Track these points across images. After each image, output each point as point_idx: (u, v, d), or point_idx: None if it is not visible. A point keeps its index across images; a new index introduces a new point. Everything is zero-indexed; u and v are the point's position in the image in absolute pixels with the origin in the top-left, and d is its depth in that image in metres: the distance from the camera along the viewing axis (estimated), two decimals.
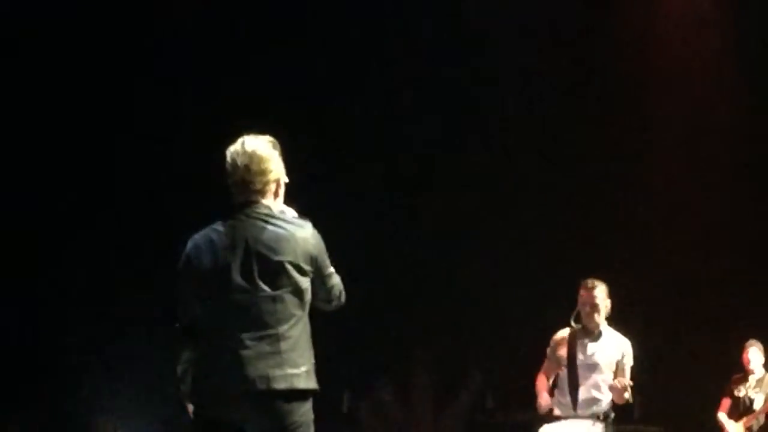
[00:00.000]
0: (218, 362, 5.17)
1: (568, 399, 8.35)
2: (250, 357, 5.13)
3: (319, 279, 5.36)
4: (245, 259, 5.20)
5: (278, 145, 5.42)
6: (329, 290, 5.44)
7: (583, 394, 8.30)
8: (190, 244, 5.32)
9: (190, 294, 5.27)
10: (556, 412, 8.38)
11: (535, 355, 8.79)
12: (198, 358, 5.28)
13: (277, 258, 5.20)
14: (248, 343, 5.15)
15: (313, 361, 5.31)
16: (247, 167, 5.31)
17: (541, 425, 8.31)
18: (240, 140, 5.39)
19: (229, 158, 5.36)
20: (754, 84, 13.52)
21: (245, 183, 5.31)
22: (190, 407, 5.35)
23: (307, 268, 5.27)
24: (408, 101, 13.94)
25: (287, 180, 5.47)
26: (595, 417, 8.26)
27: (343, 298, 5.55)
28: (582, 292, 8.44)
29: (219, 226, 5.32)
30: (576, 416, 8.27)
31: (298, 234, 5.29)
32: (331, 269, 5.45)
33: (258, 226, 5.26)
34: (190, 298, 5.28)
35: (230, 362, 5.13)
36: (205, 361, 5.22)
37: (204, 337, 5.24)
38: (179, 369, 5.38)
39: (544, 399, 8.40)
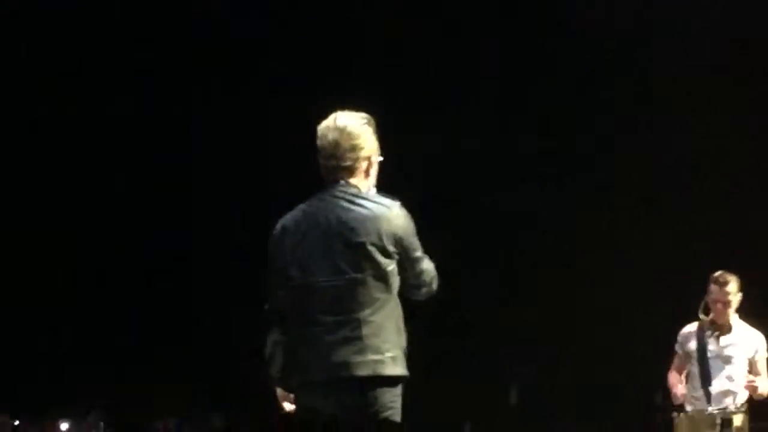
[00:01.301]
0: (301, 348, 5.01)
1: (700, 393, 8.08)
2: (332, 343, 4.93)
3: (406, 262, 5.07)
4: (328, 240, 5.00)
5: (373, 122, 5.19)
6: (418, 275, 5.13)
7: (716, 387, 8.02)
8: (278, 225, 5.17)
9: (277, 276, 5.10)
10: (688, 408, 8.13)
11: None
12: (284, 344, 5.12)
13: (359, 239, 4.96)
14: (330, 328, 4.95)
15: (404, 345, 5.06)
16: (336, 143, 5.09)
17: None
18: (332, 116, 5.18)
19: (319, 133, 5.16)
20: None
21: (334, 159, 5.09)
22: (279, 392, 5.22)
23: (391, 249, 5.00)
24: None
25: (380, 158, 5.21)
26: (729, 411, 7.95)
27: (435, 286, 5.23)
28: (713, 287, 8.13)
29: (305, 206, 5.15)
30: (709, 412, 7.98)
31: (383, 214, 5.03)
32: (420, 253, 5.14)
33: (343, 206, 5.03)
34: (276, 280, 5.11)
35: (312, 348, 4.96)
36: (290, 347, 5.07)
37: (288, 321, 5.08)
38: (266, 352, 5.18)
39: (679, 390, 8.14)
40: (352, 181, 5.12)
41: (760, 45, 12.65)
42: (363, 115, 5.19)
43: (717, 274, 8.13)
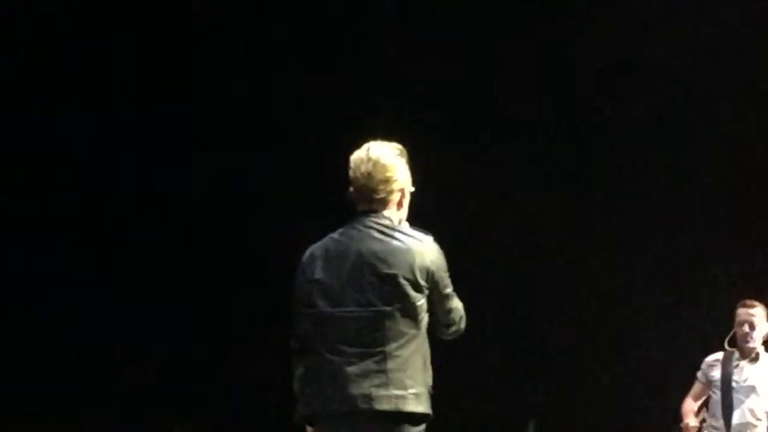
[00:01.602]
0: (322, 379, 4.90)
1: (721, 423, 7.98)
2: (354, 374, 4.82)
3: (436, 298, 4.98)
4: (357, 271, 4.90)
5: (406, 153, 5.14)
6: (447, 313, 5.05)
7: (737, 418, 7.92)
8: (306, 254, 5.08)
9: (301, 305, 5.02)
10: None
11: None
12: (306, 375, 5.02)
13: (389, 271, 4.87)
14: (353, 359, 4.84)
15: (429, 383, 4.96)
16: (369, 175, 5.01)
17: None
18: (365, 146, 5.12)
19: (352, 164, 5.09)
20: None
21: (367, 191, 5.02)
22: (309, 429, 5.09)
23: (422, 283, 4.91)
24: None
25: (412, 189, 5.16)
26: None
27: (462, 325, 5.14)
28: (740, 311, 8.09)
29: (336, 235, 5.06)
30: None
31: (416, 247, 4.94)
32: (451, 290, 5.07)
33: (374, 237, 4.95)
34: (302, 311, 5.02)
35: (333, 379, 4.85)
36: (311, 378, 4.96)
37: (312, 351, 4.97)
38: (295, 387, 5.08)
39: (690, 420, 8.05)
40: (385, 213, 5.06)
41: None
42: (396, 145, 5.15)
43: (745, 299, 8.15)
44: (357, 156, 5.10)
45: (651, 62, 12.39)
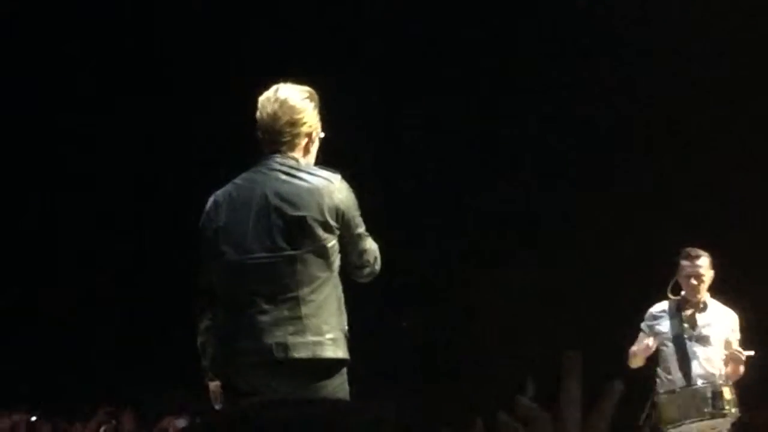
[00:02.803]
0: (233, 329, 4.63)
1: (678, 376, 7.54)
2: (267, 323, 4.57)
3: (348, 238, 4.72)
4: (263, 215, 4.64)
5: (316, 97, 4.87)
6: (361, 254, 4.78)
7: (696, 369, 7.51)
8: (210, 201, 4.82)
9: (207, 255, 4.75)
10: (662, 389, 7.54)
11: None
12: (211, 328, 4.73)
13: (297, 213, 4.62)
14: (265, 307, 4.58)
15: (345, 327, 4.72)
16: (275, 115, 4.77)
17: None
18: (273, 87, 4.87)
19: (259, 105, 4.85)
20: None
21: (273, 133, 4.78)
22: (212, 384, 4.80)
23: (333, 224, 4.65)
24: None
25: (322, 135, 4.90)
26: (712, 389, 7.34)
27: (377, 266, 4.87)
28: (684, 263, 7.61)
29: (240, 180, 4.81)
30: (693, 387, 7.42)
31: (324, 187, 4.69)
32: (363, 230, 4.80)
33: (279, 179, 4.70)
34: (207, 260, 4.75)
35: (245, 329, 4.59)
36: (221, 329, 4.68)
37: (220, 301, 4.70)
38: (198, 342, 4.82)
39: (645, 341, 7.58)
40: (291, 155, 4.79)
41: None
42: (306, 88, 4.88)
43: (687, 249, 7.67)
44: (264, 97, 4.86)
45: None
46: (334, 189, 4.71)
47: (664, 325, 7.70)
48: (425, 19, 13.04)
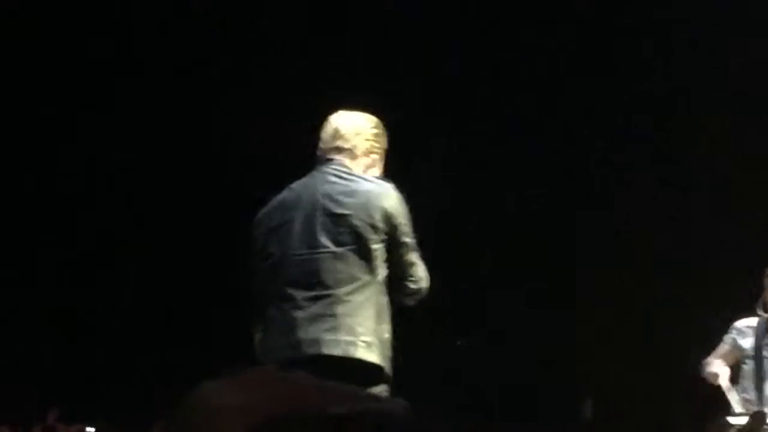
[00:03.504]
0: (273, 328, 4.57)
1: (753, 395, 7.29)
2: (303, 319, 4.49)
3: (394, 245, 4.60)
4: (310, 213, 4.61)
5: (382, 128, 4.89)
6: (407, 265, 4.64)
7: None
8: (263, 208, 4.84)
9: (256, 258, 4.73)
10: (737, 409, 7.24)
11: None
12: (261, 330, 4.68)
13: (341, 211, 4.57)
14: (302, 303, 4.51)
15: (384, 337, 4.56)
16: (337, 130, 4.80)
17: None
18: (343, 111, 4.93)
19: (325, 123, 4.89)
20: None
21: (332, 141, 4.78)
22: None
23: (379, 226, 4.56)
24: None
25: (380, 163, 4.85)
26: None
27: (425, 285, 4.72)
28: None
29: (294, 184, 4.82)
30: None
31: (374, 189, 4.64)
32: (412, 241, 4.68)
33: (329, 180, 4.68)
34: (258, 265, 4.73)
35: (280, 324, 4.53)
36: (265, 332, 4.63)
37: (266, 305, 4.64)
38: (255, 340, 4.76)
39: (720, 368, 7.34)
40: (347, 162, 4.77)
41: None
42: (374, 118, 4.92)
43: None
44: (332, 116, 4.91)
45: None
46: (385, 193, 4.66)
47: (747, 342, 7.45)
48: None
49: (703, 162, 12.30)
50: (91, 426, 13.39)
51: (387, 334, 4.60)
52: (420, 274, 4.72)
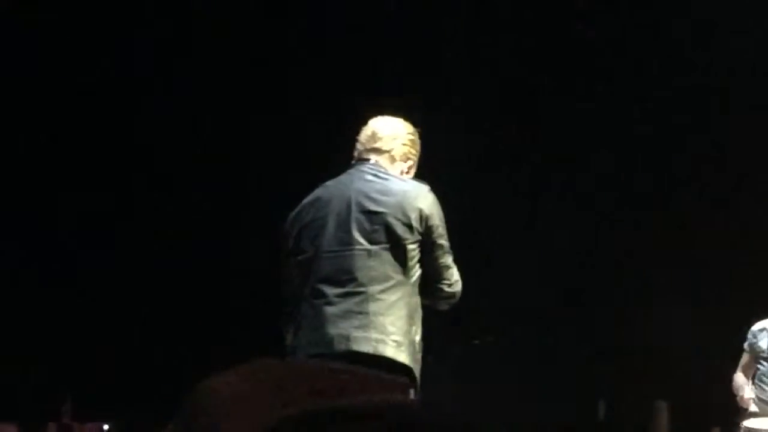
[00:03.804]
0: (302, 320, 4.54)
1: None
2: (334, 315, 4.45)
3: (429, 246, 4.58)
4: (344, 210, 4.59)
5: (417, 135, 4.91)
6: (441, 269, 4.62)
7: None
8: (298, 206, 4.80)
9: (289, 255, 4.67)
10: (752, 408, 7.36)
11: None
12: (292, 328, 4.61)
13: (377, 208, 4.55)
14: (333, 299, 4.47)
15: (415, 339, 4.52)
16: (375, 133, 4.82)
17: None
18: (381, 116, 4.95)
19: (364, 127, 4.91)
20: None
21: (370, 143, 4.80)
22: None
23: (414, 225, 4.53)
24: None
25: (414, 169, 4.86)
26: None
27: (458, 289, 4.70)
28: None
29: (329, 182, 4.80)
30: None
31: (411, 190, 4.62)
32: (447, 244, 4.65)
33: (365, 178, 4.67)
34: (290, 262, 4.67)
35: (311, 319, 4.49)
36: (296, 330, 4.57)
37: (294, 294, 4.61)
38: (286, 336, 4.69)
39: (746, 393, 7.40)
40: (382, 163, 4.77)
41: None
42: (411, 126, 4.94)
43: None
44: (371, 120, 4.93)
45: None
46: (422, 194, 4.65)
47: (764, 342, 7.50)
48: None
49: None
50: (106, 423, 13.39)
51: (418, 336, 4.57)
52: (455, 278, 4.70)
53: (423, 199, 4.62)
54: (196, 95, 13.04)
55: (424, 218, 4.58)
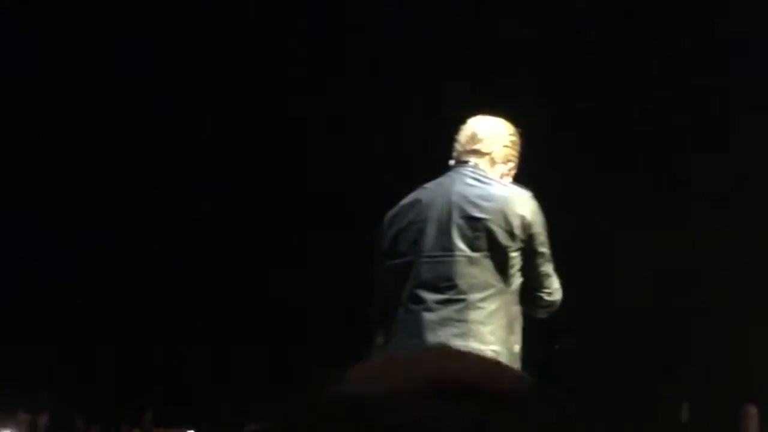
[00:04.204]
0: (397, 326, 4.40)
1: None
2: (432, 322, 4.33)
3: (531, 254, 4.46)
4: (445, 215, 4.46)
5: (518, 136, 4.77)
6: (542, 277, 4.51)
7: None
8: (396, 207, 4.67)
9: (387, 258, 4.56)
10: None
11: None
12: (385, 336, 4.49)
13: (480, 215, 4.42)
14: (432, 306, 4.35)
15: (514, 348, 4.41)
16: (476, 134, 4.67)
17: None
18: (481, 116, 4.83)
19: (464, 125, 4.78)
20: None
21: (470, 144, 4.67)
22: None
23: (517, 233, 4.41)
24: None
25: (514, 172, 4.74)
26: None
27: (558, 298, 4.60)
28: None
29: (429, 184, 4.67)
30: None
31: (513, 195, 4.50)
32: (548, 252, 4.53)
33: (467, 182, 4.53)
34: (386, 265, 4.56)
35: (410, 326, 4.35)
36: (390, 336, 4.44)
37: (393, 308, 4.46)
38: (377, 340, 4.59)
39: None
40: (482, 166, 4.63)
41: None
42: (512, 126, 4.82)
43: None
44: (472, 118, 4.80)
45: None
46: (524, 201, 4.54)
47: None
48: None
49: None
50: (189, 429, 13.45)
51: (517, 346, 4.47)
52: (555, 286, 4.61)
53: (525, 206, 4.51)
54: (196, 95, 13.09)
55: (526, 226, 4.47)
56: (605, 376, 12.98)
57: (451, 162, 4.72)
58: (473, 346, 4.24)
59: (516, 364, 4.36)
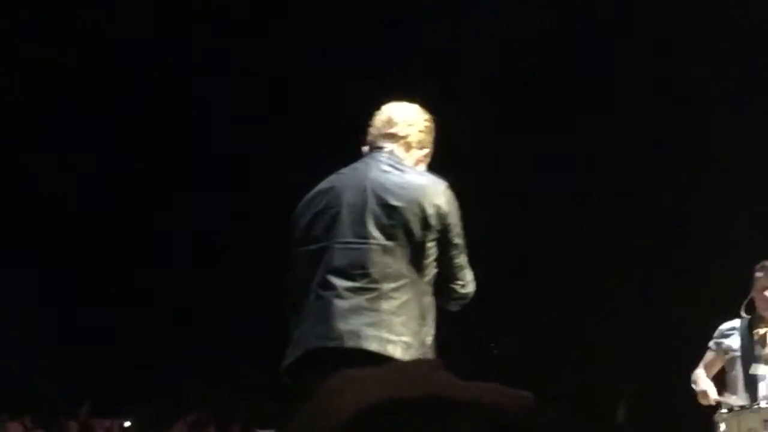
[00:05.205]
0: (310, 317, 4.29)
1: (743, 396, 6.83)
2: (344, 309, 4.22)
3: (445, 244, 4.38)
4: (360, 201, 4.37)
5: (433, 123, 4.70)
6: (455, 269, 4.43)
7: (762, 390, 6.72)
8: (311, 192, 4.56)
9: (301, 245, 4.44)
10: (725, 408, 6.80)
11: None
12: (296, 321, 4.36)
13: (396, 203, 4.34)
14: (343, 293, 4.25)
15: (425, 340, 4.32)
16: (391, 119, 4.61)
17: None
18: (396, 102, 4.75)
19: (377, 112, 4.70)
20: None
21: (385, 128, 4.60)
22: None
23: (432, 223, 4.33)
24: None
25: (428, 159, 4.67)
26: None
27: (471, 289, 4.52)
28: (758, 274, 6.88)
29: (343, 169, 4.57)
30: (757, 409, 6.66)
31: (429, 185, 4.42)
32: (462, 243, 4.45)
33: (382, 168, 4.45)
34: (299, 251, 4.45)
35: (321, 312, 4.25)
36: (302, 321, 4.32)
37: (304, 294, 4.35)
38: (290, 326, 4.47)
39: (707, 385, 6.91)
40: (398, 153, 4.56)
41: None
42: (426, 112, 4.74)
43: (764, 261, 6.93)
44: (385, 105, 4.73)
45: None
46: (440, 191, 4.45)
47: (734, 342, 7.06)
48: None
49: None
50: (127, 420, 13.39)
51: (429, 338, 4.39)
52: (468, 278, 4.52)
53: (441, 196, 4.42)
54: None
55: (441, 216, 4.39)
56: None
57: (365, 148, 4.65)
58: (384, 336, 4.19)
59: (429, 356, 4.27)
